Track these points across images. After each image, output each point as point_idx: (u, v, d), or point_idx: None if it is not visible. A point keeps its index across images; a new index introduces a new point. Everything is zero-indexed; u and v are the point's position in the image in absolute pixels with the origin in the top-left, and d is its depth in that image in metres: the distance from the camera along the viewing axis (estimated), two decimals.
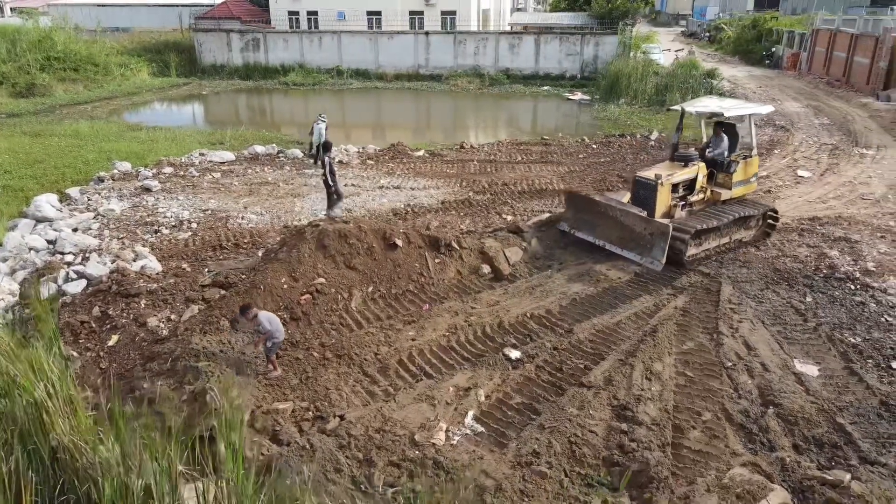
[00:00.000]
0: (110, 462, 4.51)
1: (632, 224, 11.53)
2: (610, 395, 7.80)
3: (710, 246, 11.98)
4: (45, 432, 5.01)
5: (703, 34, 75.04)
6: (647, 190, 11.89)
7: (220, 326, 9.01)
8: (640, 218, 11.47)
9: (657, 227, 11.19)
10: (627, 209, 11.71)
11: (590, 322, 9.53)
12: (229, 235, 13.03)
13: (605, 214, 11.90)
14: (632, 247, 11.52)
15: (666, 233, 10.95)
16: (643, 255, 11.32)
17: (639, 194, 12.10)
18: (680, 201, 12.18)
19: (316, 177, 17.48)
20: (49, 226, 13.71)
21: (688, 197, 12.33)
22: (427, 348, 8.81)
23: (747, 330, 9.30)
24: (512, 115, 34.71)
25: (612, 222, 11.80)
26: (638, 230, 11.43)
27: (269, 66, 44.47)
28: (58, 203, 15.15)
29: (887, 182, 16.85)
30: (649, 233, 11.26)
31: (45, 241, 12.94)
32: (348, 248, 10.31)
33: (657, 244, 11.12)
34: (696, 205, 12.52)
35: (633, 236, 11.51)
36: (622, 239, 11.66)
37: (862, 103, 28.32)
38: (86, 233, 13.46)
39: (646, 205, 11.81)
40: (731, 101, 14.69)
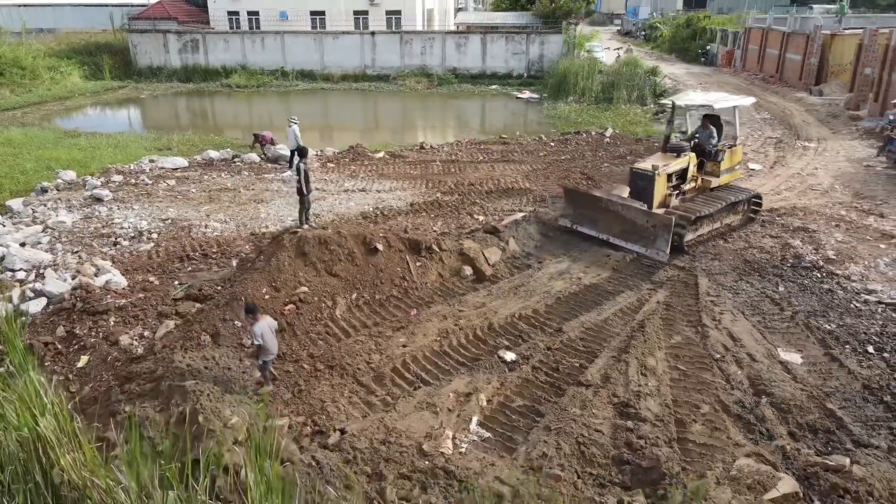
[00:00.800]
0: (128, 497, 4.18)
1: (633, 217, 11.89)
2: (609, 392, 7.84)
3: (704, 231, 12.67)
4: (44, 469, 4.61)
5: (639, 33, 77.19)
6: (644, 180, 12.32)
7: (202, 342, 8.60)
8: (642, 212, 11.84)
9: (660, 220, 11.57)
10: (628, 203, 12.08)
11: (578, 320, 9.57)
12: (195, 245, 12.48)
13: (606, 209, 12.26)
14: (635, 239, 11.90)
15: (669, 225, 11.32)
16: (647, 247, 11.70)
17: (636, 185, 12.51)
18: (674, 190, 12.72)
19: (277, 181, 17.01)
20: None
21: (681, 186, 12.91)
22: (420, 354, 8.64)
23: (729, 321, 9.54)
24: (464, 115, 34.78)
25: (614, 216, 12.18)
26: (640, 223, 11.80)
27: (210, 67, 43.12)
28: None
29: (832, 173, 17.65)
30: (652, 225, 11.64)
31: None
32: (329, 255, 10.03)
33: (661, 236, 11.48)
34: (689, 193, 13.11)
35: (635, 229, 11.87)
36: (625, 232, 12.03)
37: (797, 98, 29.64)
38: (35, 247, 12.64)
39: (644, 195, 12.26)
40: (716, 94, 15.48)
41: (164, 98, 38.29)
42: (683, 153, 12.90)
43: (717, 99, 13.70)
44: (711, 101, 13.32)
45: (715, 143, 13.44)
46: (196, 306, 9.87)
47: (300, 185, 12.07)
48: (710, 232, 12.80)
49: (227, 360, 8.37)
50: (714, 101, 13.29)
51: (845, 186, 16.41)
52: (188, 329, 8.88)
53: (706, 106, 13.48)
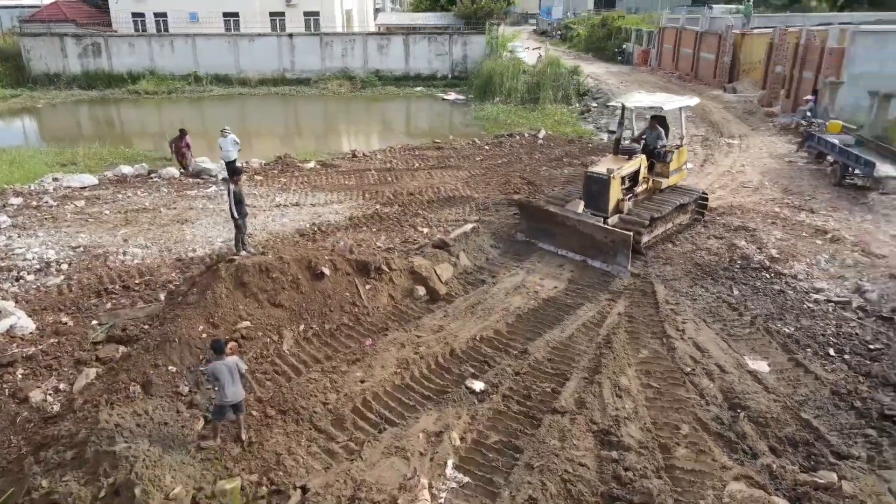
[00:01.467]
0: None
1: (591, 233, 11.59)
2: (587, 419, 7.42)
3: (658, 232, 12.63)
4: None
5: (555, 32, 78.61)
6: (599, 185, 12.04)
7: (131, 394, 7.57)
8: (599, 227, 11.57)
9: (618, 236, 11.27)
10: (584, 219, 11.77)
11: (542, 339, 9.13)
12: (113, 276, 11.24)
13: (563, 224, 11.93)
14: (595, 255, 11.62)
15: (627, 241, 11.11)
16: (608, 263, 11.42)
17: (591, 189, 12.22)
18: (627, 193, 12.53)
19: (201, 198, 15.79)
20: None
21: (633, 188, 12.72)
22: (381, 390, 7.95)
23: (693, 330, 9.36)
24: (392, 118, 34.02)
25: (571, 231, 11.86)
26: (599, 238, 11.51)
27: (115, 73, 40.41)
28: None
29: (759, 170, 18.15)
30: (611, 240, 11.34)
31: None
32: (272, 284, 9.15)
33: (620, 252, 11.23)
34: (640, 195, 12.94)
35: (594, 244, 11.58)
36: (584, 248, 11.75)
37: (713, 95, 30.67)
38: None
39: (599, 199, 12.06)
40: (662, 95, 15.50)
41: (63, 107, 35.49)
42: (635, 155, 12.78)
43: (665, 100, 13.72)
44: (660, 103, 13.32)
45: (663, 143, 13.40)
46: (120, 350, 8.77)
47: (231, 210, 10.98)
48: (663, 232, 12.79)
49: (162, 413, 7.38)
50: (662, 103, 13.29)
51: (773, 183, 16.86)
52: (113, 379, 7.81)
53: (655, 107, 13.42)
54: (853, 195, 15.65)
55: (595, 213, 12.10)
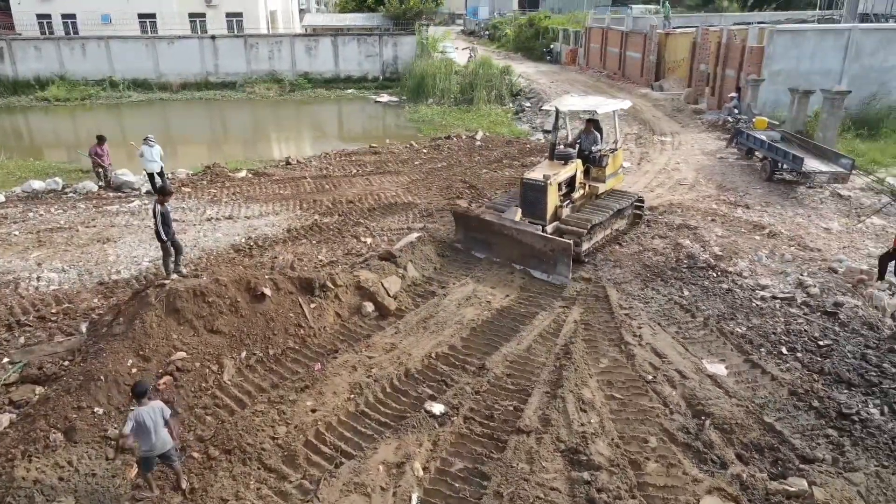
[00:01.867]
0: None
1: (530, 242, 11.27)
2: (553, 437, 7.14)
3: (598, 238, 12.41)
4: None
5: (483, 32, 79.05)
6: (535, 191, 11.75)
7: (52, 442, 6.75)
8: (538, 236, 11.26)
9: (558, 245, 11.02)
10: (523, 228, 11.42)
11: (499, 353, 8.80)
12: (26, 305, 10.18)
13: (500, 233, 11.58)
14: (535, 264, 11.33)
15: (568, 249, 10.89)
16: (549, 272, 11.16)
17: (528, 196, 11.91)
18: (564, 199, 12.30)
19: (124, 214, 14.69)
20: None
21: (571, 194, 12.50)
22: (334, 419, 7.42)
23: (650, 335, 9.26)
24: (324, 122, 33.18)
25: (509, 241, 11.52)
26: (538, 247, 11.20)
27: (20, 79, 37.76)
28: None
29: (693, 167, 18.53)
30: (550, 249, 11.07)
31: None
32: (208, 309, 8.45)
33: (560, 261, 11.00)
34: (577, 201, 12.72)
35: (534, 253, 11.28)
36: (523, 256, 11.43)
37: (642, 94, 31.37)
38: None
39: (536, 206, 11.79)
40: (594, 98, 15.36)
41: None
42: (571, 160, 12.52)
43: (598, 104, 13.55)
44: (593, 106, 13.16)
45: (598, 148, 13.20)
46: (37, 391, 7.87)
47: (157, 230, 10.09)
48: (602, 238, 12.62)
49: (89, 462, 6.63)
50: (595, 106, 13.13)
51: (708, 180, 17.22)
52: (30, 426, 6.95)
53: (588, 111, 13.30)
54: (783, 190, 16.16)
55: (533, 220, 11.82)
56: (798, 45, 23.27)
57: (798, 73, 23.17)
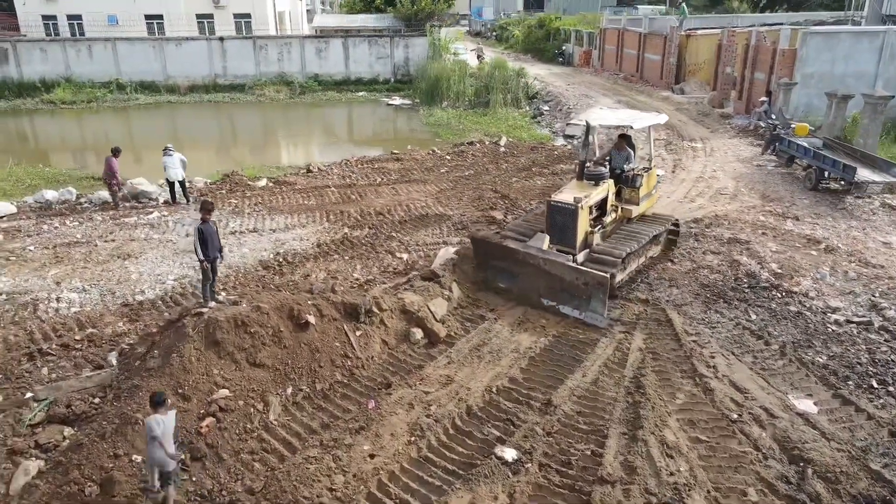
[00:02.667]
0: None
1: (560, 273, 9.96)
2: (641, 488, 6.42)
3: (631, 269, 11.20)
4: None
5: (490, 33, 78.40)
6: (565, 216, 10.45)
7: (87, 497, 6.04)
8: (570, 268, 9.92)
9: (592, 278, 9.64)
10: (551, 257, 10.12)
11: (565, 386, 8.09)
12: (47, 330, 9.46)
13: (525, 263, 10.30)
14: (565, 299, 9.98)
15: (604, 284, 9.54)
16: (581, 309, 9.82)
17: (555, 220, 10.63)
18: (595, 224, 11.00)
19: (143, 227, 13.97)
20: None
21: (602, 219, 11.23)
22: (397, 467, 6.70)
23: (725, 366, 8.54)
24: (339, 126, 32.51)
25: (535, 271, 10.19)
26: (569, 280, 9.87)
27: (25, 81, 37.10)
28: None
29: (731, 175, 17.81)
30: (583, 283, 9.73)
31: None
32: (250, 340, 7.74)
33: (595, 296, 9.65)
34: (609, 226, 11.42)
35: (564, 286, 9.95)
36: (552, 290, 10.10)
37: (663, 97, 30.66)
38: None
39: (565, 233, 10.51)
40: (626, 112, 14.11)
41: None
42: (602, 181, 11.15)
43: (633, 117, 12.25)
44: (629, 121, 11.88)
45: (632, 166, 11.79)
46: (66, 433, 7.16)
47: (196, 252, 9.34)
48: (636, 268, 11.35)
49: None
50: (631, 120, 11.84)
51: (749, 189, 16.51)
52: (63, 478, 6.24)
53: (623, 126, 12.10)
54: (830, 200, 15.45)
55: (560, 248, 10.56)
56: (832, 48, 22.57)
57: (832, 76, 22.47)
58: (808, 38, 22.48)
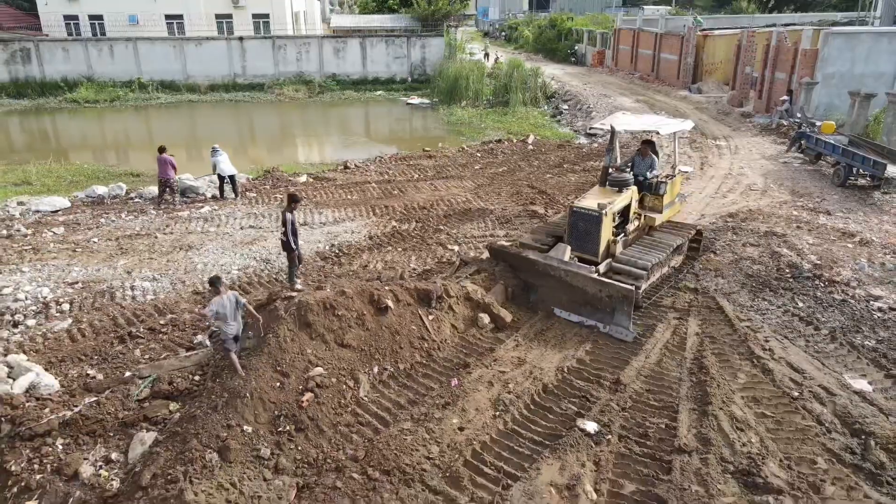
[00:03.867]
0: None
1: (583, 285, 9.64)
2: (717, 457, 6.89)
3: (655, 279, 10.88)
4: None
5: (498, 33, 78.87)
6: (588, 223, 10.19)
7: (208, 462, 6.52)
8: (593, 280, 9.58)
9: (616, 291, 9.33)
10: (573, 269, 9.77)
11: (631, 367, 8.56)
12: (129, 316, 9.95)
13: (546, 275, 10.02)
14: (588, 312, 9.69)
15: (629, 297, 9.20)
16: (605, 323, 9.51)
17: (578, 228, 10.35)
18: (618, 232, 10.74)
19: (197, 220, 14.45)
20: None
21: (625, 226, 10.94)
22: (486, 438, 7.17)
23: (780, 349, 9.01)
24: (361, 125, 32.99)
25: (557, 283, 9.91)
26: (591, 292, 9.56)
27: (47, 80, 37.65)
28: None
29: (759, 172, 18.27)
30: (607, 295, 9.43)
31: None
32: (338, 322, 8.21)
33: (620, 309, 9.34)
34: (631, 234, 11.09)
35: (586, 299, 9.66)
36: (573, 303, 9.83)
37: (681, 96, 31.13)
38: None
39: (587, 240, 10.27)
40: (651, 117, 13.84)
41: None
42: (626, 187, 10.87)
43: (660, 123, 12.04)
44: (655, 126, 11.67)
45: (655, 173, 11.52)
46: (171, 407, 7.64)
47: (286, 239, 9.95)
48: (659, 279, 11.03)
49: (250, 484, 6.40)
50: (658, 126, 11.64)
51: (779, 185, 16.97)
52: (183, 446, 6.71)
53: (649, 132, 11.99)
54: (859, 195, 15.91)
55: (582, 257, 10.33)
56: (852, 48, 23.04)
57: (852, 76, 22.95)
58: (830, 39, 22.94)
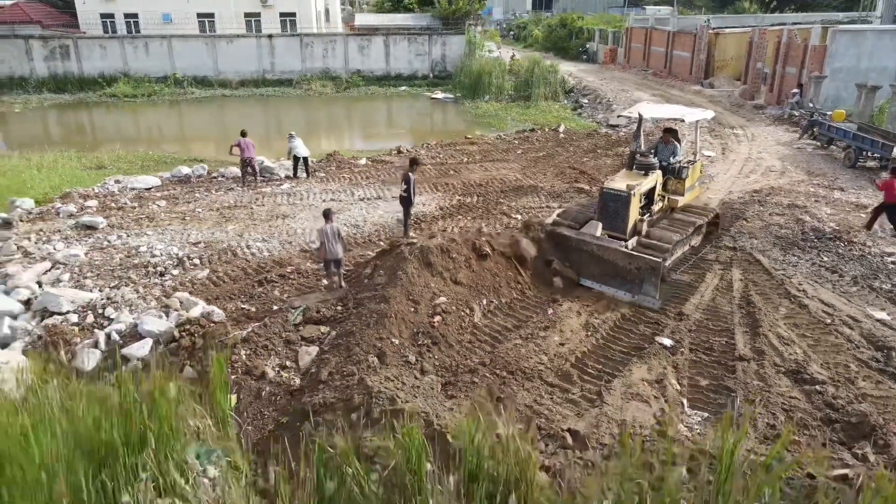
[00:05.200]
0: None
1: (613, 259, 10.58)
2: (770, 362, 8.65)
3: (677, 255, 11.80)
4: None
5: (507, 32, 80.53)
6: (617, 202, 10.99)
7: (371, 363, 8.25)
8: (623, 253, 10.55)
9: (645, 263, 10.20)
10: (605, 244, 10.74)
11: (690, 303, 10.34)
12: (257, 267, 11.70)
13: (579, 249, 10.98)
14: (618, 283, 10.60)
15: (657, 268, 10.08)
16: (634, 292, 10.39)
17: (608, 207, 11.16)
18: (644, 212, 11.58)
19: (281, 195, 16.18)
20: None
21: (650, 207, 11.84)
22: (585, 349, 8.94)
23: (812, 291, 10.79)
24: (393, 117, 34.73)
25: (588, 257, 10.88)
26: (622, 265, 10.48)
27: (86, 76, 39.23)
28: None
29: (775, 156, 20.06)
30: (636, 267, 10.31)
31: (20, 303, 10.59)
32: (452, 263, 9.97)
33: (647, 280, 10.20)
34: (656, 214, 12.06)
35: (616, 271, 10.56)
36: (604, 275, 10.75)
37: (695, 90, 32.92)
38: (57, 285, 11.17)
39: (616, 219, 11.08)
40: (676, 107, 14.65)
41: (42, 111, 34.51)
42: (652, 171, 11.73)
43: (684, 112, 12.91)
44: (680, 114, 12.60)
45: (678, 159, 12.40)
46: (322, 330, 9.38)
47: (407, 195, 11.79)
48: (681, 256, 11.93)
49: (407, 379, 8.13)
50: (682, 114, 12.57)
51: (795, 167, 18.75)
52: (347, 352, 8.46)
53: (675, 119, 13.05)
54: (868, 175, 17.68)
55: (611, 234, 11.09)
56: (858, 45, 24.84)
57: (857, 71, 24.73)
58: (838, 36, 24.76)
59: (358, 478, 5.08)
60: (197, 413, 6.10)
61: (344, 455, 5.17)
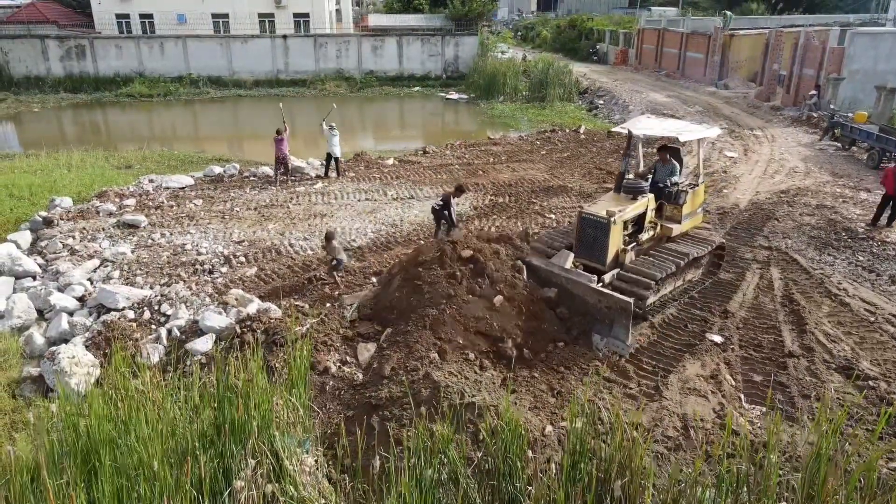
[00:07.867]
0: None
1: (583, 294, 9.48)
2: (820, 359, 8.86)
3: (666, 291, 10.49)
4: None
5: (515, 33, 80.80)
6: (596, 230, 9.84)
7: (433, 360, 8.46)
8: (593, 290, 9.37)
9: (615, 302, 9.07)
10: (575, 277, 9.63)
11: (734, 301, 10.54)
12: (303, 265, 11.91)
13: (548, 280, 9.90)
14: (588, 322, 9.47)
15: (627, 310, 8.92)
16: (603, 334, 9.25)
17: (585, 234, 10.05)
18: (629, 241, 10.34)
19: (315, 194, 16.39)
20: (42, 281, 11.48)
21: (638, 235, 10.53)
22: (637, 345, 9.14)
23: (851, 289, 10.99)
24: (412, 117, 34.97)
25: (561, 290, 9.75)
26: (591, 302, 9.37)
27: (101, 76, 39.47)
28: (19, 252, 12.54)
29: (799, 157, 20.25)
30: (606, 307, 9.20)
31: (74, 299, 10.82)
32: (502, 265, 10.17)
33: (618, 322, 9.08)
34: (645, 244, 10.69)
35: (586, 309, 9.45)
36: (574, 312, 9.58)
37: (710, 92, 33.13)
38: (109, 282, 11.39)
39: (595, 247, 9.96)
40: (674, 122, 13.05)
41: (60, 111, 34.76)
42: (641, 195, 10.40)
43: (680, 128, 11.27)
44: (675, 131, 10.84)
45: (676, 181, 10.93)
46: (375, 326, 9.59)
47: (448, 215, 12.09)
48: (672, 291, 10.60)
49: (468, 374, 8.34)
50: (677, 132, 10.81)
51: (819, 168, 18.95)
52: (407, 348, 8.66)
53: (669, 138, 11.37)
54: None
55: (589, 263, 10.07)
56: (876, 47, 25.04)
57: (874, 73, 24.93)
58: (856, 38, 24.96)
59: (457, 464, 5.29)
60: (288, 404, 6.31)
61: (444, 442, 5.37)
